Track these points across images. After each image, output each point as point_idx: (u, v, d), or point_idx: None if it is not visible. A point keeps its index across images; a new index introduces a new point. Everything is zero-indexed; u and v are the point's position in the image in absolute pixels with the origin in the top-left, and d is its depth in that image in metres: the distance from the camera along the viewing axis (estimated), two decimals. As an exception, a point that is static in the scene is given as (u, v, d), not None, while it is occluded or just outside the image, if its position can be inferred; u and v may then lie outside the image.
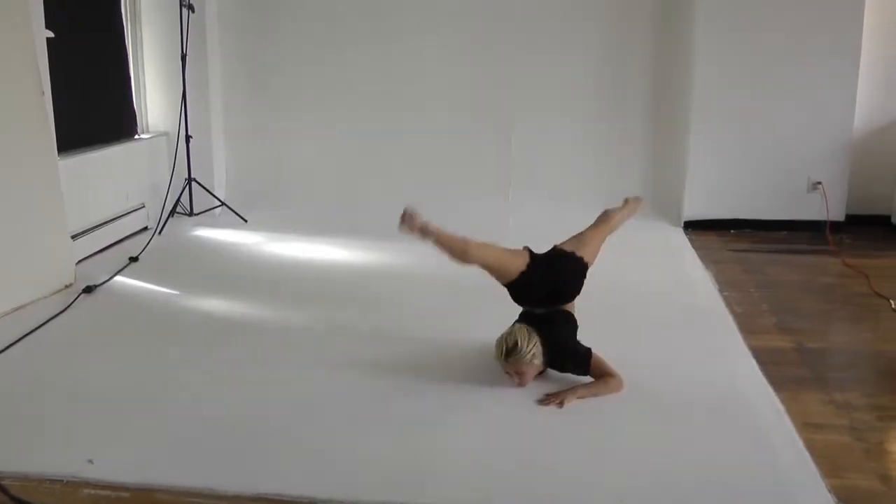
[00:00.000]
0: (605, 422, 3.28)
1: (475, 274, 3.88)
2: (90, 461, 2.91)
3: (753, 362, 3.81)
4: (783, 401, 3.41)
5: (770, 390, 3.52)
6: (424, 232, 3.56)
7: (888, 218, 6.55)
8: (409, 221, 3.58)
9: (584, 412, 3.34)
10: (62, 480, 2.81)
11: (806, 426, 3.20)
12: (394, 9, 6.97)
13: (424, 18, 6.97)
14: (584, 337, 3.64)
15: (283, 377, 3.68)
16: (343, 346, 4.07)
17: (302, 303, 4.76)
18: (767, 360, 3.80)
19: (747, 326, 4.26)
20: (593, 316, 3.92)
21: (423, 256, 5.62)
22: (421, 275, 5.23)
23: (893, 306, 4.70)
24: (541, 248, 3.76)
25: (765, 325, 4.39)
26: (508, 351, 3.46)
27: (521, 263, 3.60)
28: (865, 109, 6.49)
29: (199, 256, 5.82)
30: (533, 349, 3.47)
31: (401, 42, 6.98)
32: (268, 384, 3.61)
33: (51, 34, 5.03)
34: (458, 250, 3.58)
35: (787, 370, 3.76)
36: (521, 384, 3.51)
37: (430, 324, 4.39)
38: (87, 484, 2.79)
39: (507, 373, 3.53)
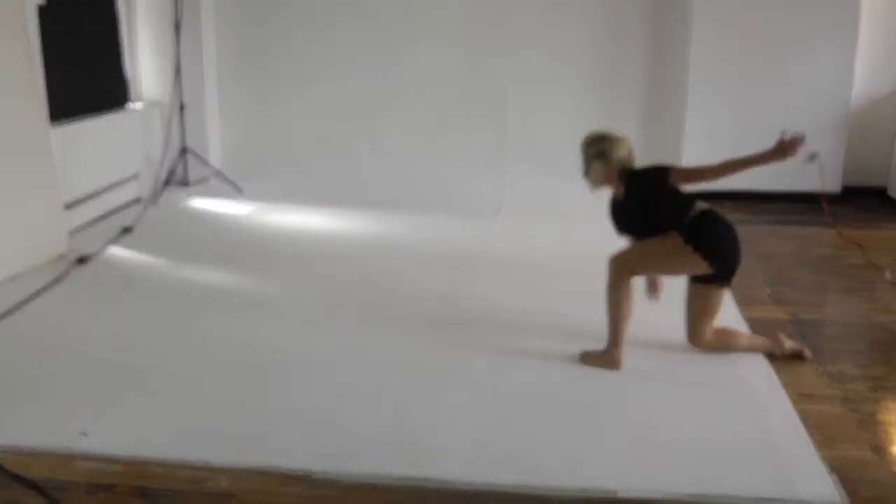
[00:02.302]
0: (600, 393, 3.29)
1: (476, 251, 3.89)
2: (84, 434, 2.90)
3: (749, 332, 3.81)
4: (778, 372, 3.43)
5: (765, 361, 3.53)
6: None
7: (884, 189, 6.54)
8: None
9: (578, 384, 3.35)
10: (55, 453, 2.81)
11: (800, 397, 3.22)
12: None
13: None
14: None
15: (278, 349, 3.68)
16: (338, 317, 4.07)
17: (297, 273, 4.75)
18: (763, 331, 3.80)
19: (743, 297, 4.26)
20: (583, 286, 3.91)
21: (418, 228, 5.67)
22: (415, 246, 5.23)
23: (888, 277, 4.70)
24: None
25: (760, 297, 4.39)
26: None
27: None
28: (862, 81, 6.47)
29: (193, 226, 5.79)
30: (595, 146, 3.50)
31: (398, 10, 6.91)
32: (262, 356, 3.61)
33: (42, 2, 4.96)
34: None
35: (782, 341, 3.76)
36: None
37: (424, 295, 4.38)
38: (81, 456, 2.79)
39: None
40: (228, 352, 3.66)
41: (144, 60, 6.73)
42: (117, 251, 5.10)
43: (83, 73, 5.86)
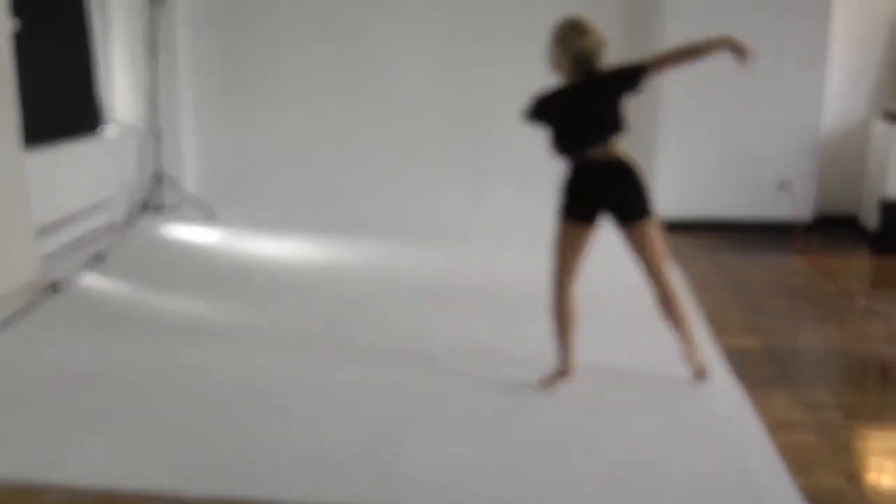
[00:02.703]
0: (572, 421, 3.28)
1: (448, 278, 3.88)
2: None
3: (722, 361, 3.83)
4: (752, 399, 3.43)
5: (739, 389, 3.54)
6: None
7: (855, 218, 6.61)
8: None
9: (552, 412, 3.34)
10: (23, 484, 2.76)
11: (774, 425, 3.22)
12: (364, 2, 6.92)
13: (395, 12, 6.94)
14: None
15: (250, 378, 3.65)
16: (310, 345, 4.05)
17: (269, 301, 4.73)
18: (736, 359, 3.82)
19: (716, 325, 4.28)
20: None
21: (392, 253, 5.67)
22: (389, 272, 5.24)
23: (860, 305, 4.74)
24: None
25: (734, 325, 4.41)
26: None
27: None
28: (833, 110, 6.55)
29: (167, 253, 5.75)
30: (557, 32, 3.51)
31: (372, 34, 6.92)
32: (234, 385, 3.58)
33: (15, 26, 4.93)
34: None
35: (755, 369, 3.79)
36: None
37: (397, 322, 4.38)
38: (50, 488, 2.74)
39: None
40: (200, 381, 3.62)
41: (119, 84, 6.71)
42: (90, 278, 5.05)
43: (57, 97, 5.81)
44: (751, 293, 5.01)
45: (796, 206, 6.37)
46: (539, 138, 3.56)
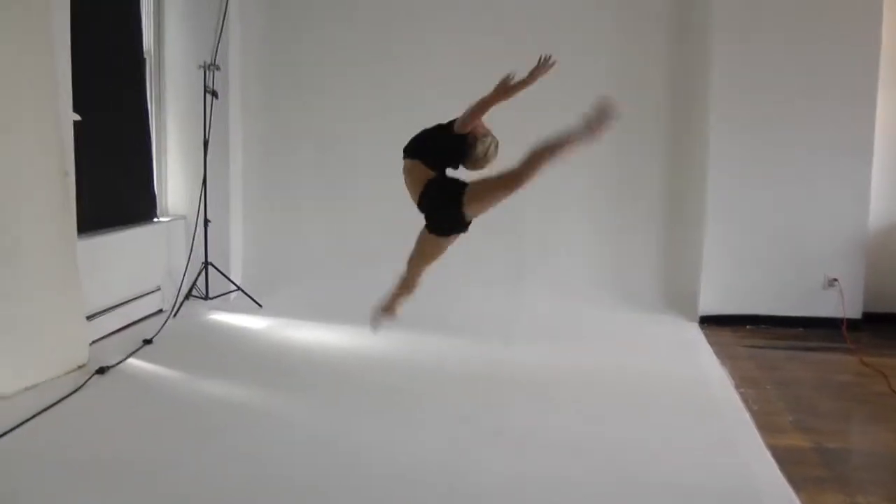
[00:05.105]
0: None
1: (485, 369, 3.89)
2: None
3: (771, 461, 3.74)
4: (803, 502, 3.34)
5: (789, 490, 3.44)
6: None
7: (905, 317, 6.51)
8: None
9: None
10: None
11: (827, 529, 3.13)
12: (408, 94, 7.09)
13: (440, 103, 7.09)
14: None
15: (291, 467, 3.63)
16: (350, 438, 4.01)
17: (310, 390, 4.73)
18: (786, 460, 3.73)
19: (764, 424, 4.20)
20: (608, 409, 3.87)
21: (435, 347, 5.66)
22: (432, 365, 5.24)
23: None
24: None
25: (782, 424, 4.32)
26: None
27: None
28: (880, 206, 6.51)
29: (213, 340, 5.81)
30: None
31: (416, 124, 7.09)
32: (275, 474, 3.56)
33: (77, 117, 5.13)
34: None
35: (806, 470, 3.69)
36: None
37: (441, 414, 4.35)
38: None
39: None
40: (241, 469, 3.60)
41: (172, 175, 6.91)
42: (137, 363, 5.11)
43: (113, 186, 6.00)
44: (798, 391, 4.91)
45: (844, 304, 6.29)
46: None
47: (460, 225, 3.98)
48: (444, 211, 3.96)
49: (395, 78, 7.13)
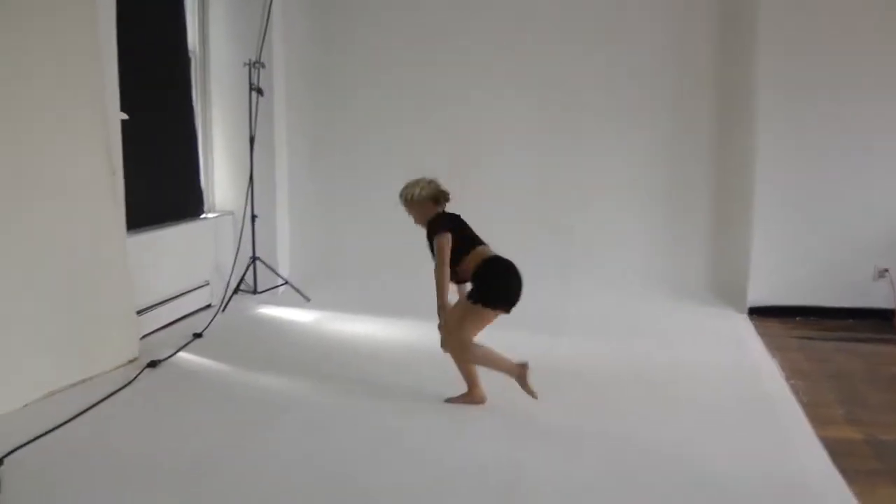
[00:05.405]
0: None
1: (541, 364, 3.91)
2: None
3: (823, 453, 3.71)
4: (856, 494, 3.30)
5: (842, 483, 3.40)
6: None
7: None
8: None
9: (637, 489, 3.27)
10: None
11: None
12: (456, 93, 7.13)
13: (490, 105, 7.13)
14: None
15: (338, 464, 3.64)
16: (403, 433, 4.01)
17: (360, 384, 4.75)
18: (837, 452, 3.69)
19: (815, 416, 4.16)
20: (660, 402, 3.85)
21: (490, 344, 5.64)
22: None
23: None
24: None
25: (833, 416, 4.27)
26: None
27: None
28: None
29: (262, 334, 5.88)
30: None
31: (467, 130, 7.13)
32: (324, 468, 3.57)
33: (125, 116, 5.20)
34: None
35: (859, 462, 3.64)
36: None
37: (487, 408, 4.35)
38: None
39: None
40: (292, 462, 3.63)
41: (219, 172, 6.99)
42: (187, 356, 5.19)
43: (161, 183, 6.09)
44: (848, 383, 4.85)
45: (895, 294, 6.19)
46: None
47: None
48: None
49: (434, 78, 7.22)
